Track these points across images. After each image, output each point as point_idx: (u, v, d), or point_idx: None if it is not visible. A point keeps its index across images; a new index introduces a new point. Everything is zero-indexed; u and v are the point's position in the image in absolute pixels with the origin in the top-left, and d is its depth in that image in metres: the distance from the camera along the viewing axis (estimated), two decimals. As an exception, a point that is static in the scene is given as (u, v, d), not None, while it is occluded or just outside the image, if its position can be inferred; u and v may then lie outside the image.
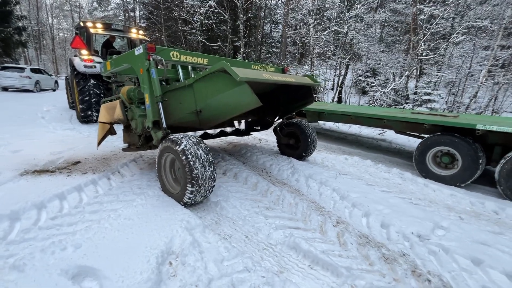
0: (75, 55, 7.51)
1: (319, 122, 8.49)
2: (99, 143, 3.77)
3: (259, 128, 5.20)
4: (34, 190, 2.86)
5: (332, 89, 15.09)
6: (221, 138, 6.11)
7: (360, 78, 13.69)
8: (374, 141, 6.99)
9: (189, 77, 4.16)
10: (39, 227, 2.26)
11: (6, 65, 15.12)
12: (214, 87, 2.87)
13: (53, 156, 4.05)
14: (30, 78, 14.88)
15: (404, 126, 4.79)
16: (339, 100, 13.96)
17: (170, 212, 2.54)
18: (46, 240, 2.08)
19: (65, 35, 42.17)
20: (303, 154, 4.51)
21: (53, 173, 3.40)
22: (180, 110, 3.18)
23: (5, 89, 14.80)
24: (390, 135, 7.39)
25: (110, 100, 3.75)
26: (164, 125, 2.87)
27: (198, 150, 2.62)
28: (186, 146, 2.57)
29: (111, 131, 3.78)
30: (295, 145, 4.68)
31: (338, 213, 2.91)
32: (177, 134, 2.82)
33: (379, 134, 7.65)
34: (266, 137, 6.63)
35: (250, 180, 3.64)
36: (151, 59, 2.81)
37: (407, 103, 10.69)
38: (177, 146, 2.58)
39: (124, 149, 3.65)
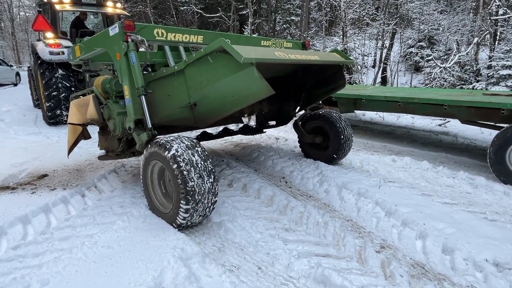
0: (39, 39, 7.85)
1: (356, 112, 8.38)
2: (70, 150, 3.91)
3: (274, 123, 5.22)
4: (-9, 213, 3.01)
5: (373, 66, 14.85)
6: (226, 138, 6.18)
7: (411, 50, 13.38)
8: (432, 134, 6.81)
9: (180, 60, 4.24)
10: (-3, 259, 2.37)
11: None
12: (212, 72, 2.91)
13: (15, 169, 4.25)
14: (-15, 71, 15.71)
15: (474, 113, 4.65)
16: (384, 81, 13.71)
17: (160, 237, 2.60)
18: (6, 275, 2.18)
19: (27, 14, 44.10)
20: (335, 156, 4.47)
21: (15, 190, 3.57)
22: (169, 105, 3.25)
23: (-44, 85, 15.73)
24: (456, 126, 7.18)
25: (83, 95, 3.89)
26: (149, 125, 2.93)
27: (194, 156, 2.66)
28: (177, 151, 2.62)
29: (84, 135, 3.90)
30: (323, 145, 4.65)
31: (383, 234, 2.86)
32: (166, 136, 2.88)
33: (439, 125, 7.45)
34: (285, 135, 6.63)
35: (264, 192, 3.66)
36: (129, 40, 2.89)
37: (478, 81, 10.32)
38: (166, 152, 2.64)
39: (100, 157, 3.77)
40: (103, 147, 3.74)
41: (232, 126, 5.66)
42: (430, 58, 11.36)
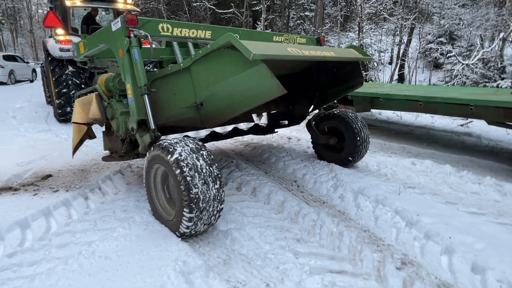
0: (51, 36, 7.82)
1: (372, 110, 8.05)
2: (75, 150, 3.80)
3: (286, 122, 5.00)
4: (-10, 216, 2.90)
5: (390, 63, 14.38)
6: (236, 137, 5.99)
7: (430, 46, 12.86)
8: (454, 135, 6.44)
9: (188, 57, 4.06)
10: (-9, 268, 2.25)
11: (-25, 53, 16.34)
12: (219, 70, 2.72)
13: (20, 168, 4.17)
14: (3, 67, 15.99)
15: (502, 114, 4.32)
16: (401, 78, 13.25)
17: (161, 247, 2.43)
18: (-3, 287, 2.06)
19: (45, 12, 44.89)
20: (350, 158, 4.22)
21: (17, 191, 3.47)
22: (174, 104, 3.07)
23: (-24, 82, 16.04)
24: (479, 127, 6.78)
25: (89, 93, 3.75)
26: (153, 126, 2.76)
27: (198, 160, 2.47)
28: (180, 155, 2.44)
29: (90, 134, 3.78)
30: (338, 146, 4.40)
31: (404, 248, 2.62)
32: (170, 138, 2.71)
33: (461, 125, 7.06)
34: (298, 135, 6.39)
35: (274, 197, 3.45)
36: (132, 35, 2.71)
37: (502, 78, 9.79)
38: (169, 155, 2.46)
39: (104, 158, 3.64)
40: (107, 148, 3.61)
41: (243, 125, 5.48)
42: (451, 54, 10.86)
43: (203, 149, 2.60)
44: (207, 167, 2.49)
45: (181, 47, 4.58)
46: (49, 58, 6.90)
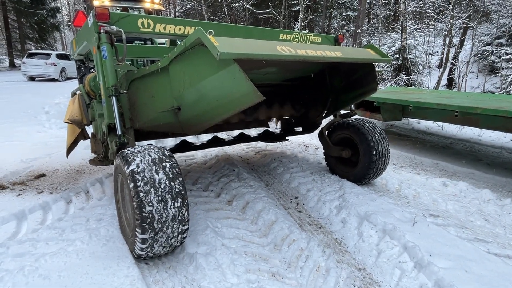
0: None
1: (410, 119, 7.23)
2: (69, 150, 3.70)
3: (301, 129, 4.55)
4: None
5: (440, 66, 13.08)
6: (249, 143, 5.62)
7: (486, 48, 11.45)
8: (504, 152, 5.49)
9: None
10: None
11: (33, 51, 17.73)
12: (194, 71, 2.39)
13: (23, 165, 4.17)
14: (55, 65, 17.13)
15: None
16: (450, 84, 11.97)
17: (110, 270, 2.14)
18: None
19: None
20: (364, 175, 3.66)
21: (4, 191, 3.42)
22: (152, 107, 2.78)
23: (32, 78, 17.38)
24: (537, 143, 5.73)
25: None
26: (119, 132, 2.49)
27: (157, 174, 2.15)
28: (138, 167, 2.13)
29: (84, 135, 3.66)
30: (354, 160, 3.85)
31: (404, 299, 2.07)
32: (136, 146, 2.42)
33: (514, 140, 6.02)
34: (318, 143, 5.84)
35: (265, 216, 3.02)
36: (102, 31, 2.47)
37: None
38: (126, 166, 2.16)
39: (90, 161, 3.46)
40: (93, 150, 3.43)
41: (254, 131, 5.11)
42: (507, 57, 9.51)
43: (167, 160, 2.27)
44: (167, 182, 2.15)
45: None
46: (76, 57, 7.05)
